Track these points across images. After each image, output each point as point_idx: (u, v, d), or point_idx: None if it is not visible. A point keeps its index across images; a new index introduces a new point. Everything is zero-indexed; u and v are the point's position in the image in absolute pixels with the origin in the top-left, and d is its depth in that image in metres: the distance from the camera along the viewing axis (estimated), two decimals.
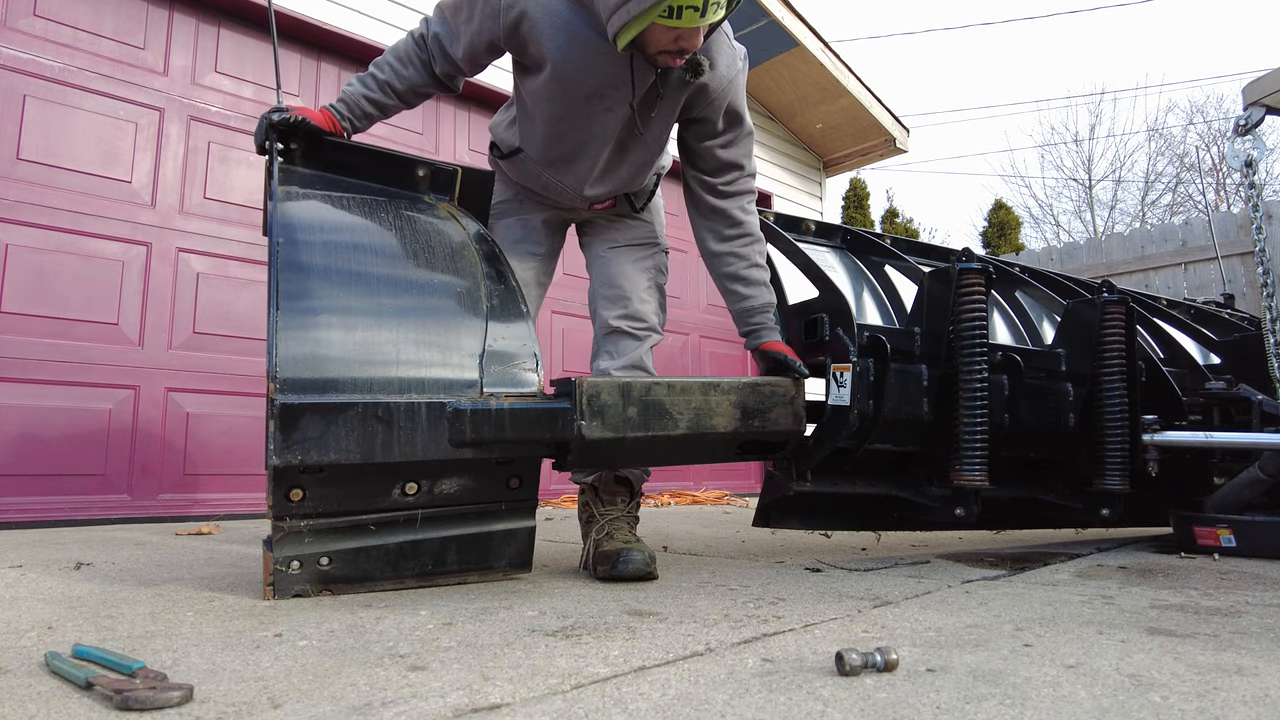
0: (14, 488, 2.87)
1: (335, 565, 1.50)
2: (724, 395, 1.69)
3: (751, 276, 1.91)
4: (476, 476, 1.57)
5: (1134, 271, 6.77)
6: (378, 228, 1.68)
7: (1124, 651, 1.10)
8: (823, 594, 1.57)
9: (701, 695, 0.89)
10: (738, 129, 1.85)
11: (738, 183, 1.89)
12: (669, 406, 1.63)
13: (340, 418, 1.40)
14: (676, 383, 1.64)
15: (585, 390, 1.54)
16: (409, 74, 1.81)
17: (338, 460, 1.40)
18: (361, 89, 1.80)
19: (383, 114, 1.83)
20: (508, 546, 1.63)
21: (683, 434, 1.63)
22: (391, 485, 1.51)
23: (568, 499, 4.38)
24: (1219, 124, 17.81)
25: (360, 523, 1.52)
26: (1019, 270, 2.82)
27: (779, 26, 5.45)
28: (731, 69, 1.76)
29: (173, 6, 3.50)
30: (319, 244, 1.58)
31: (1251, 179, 2.51)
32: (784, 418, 1.77)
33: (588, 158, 1.83)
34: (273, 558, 1.44)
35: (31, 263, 3.01)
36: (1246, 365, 2.71)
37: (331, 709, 0.83)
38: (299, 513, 1.45)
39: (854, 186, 14.02)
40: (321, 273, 1.53)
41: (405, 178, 1.84)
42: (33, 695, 0.87)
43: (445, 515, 1.57)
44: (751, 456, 1.84)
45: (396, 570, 1.55)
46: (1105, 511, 2.22)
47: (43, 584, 1.59)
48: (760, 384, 1.76)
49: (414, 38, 1.82)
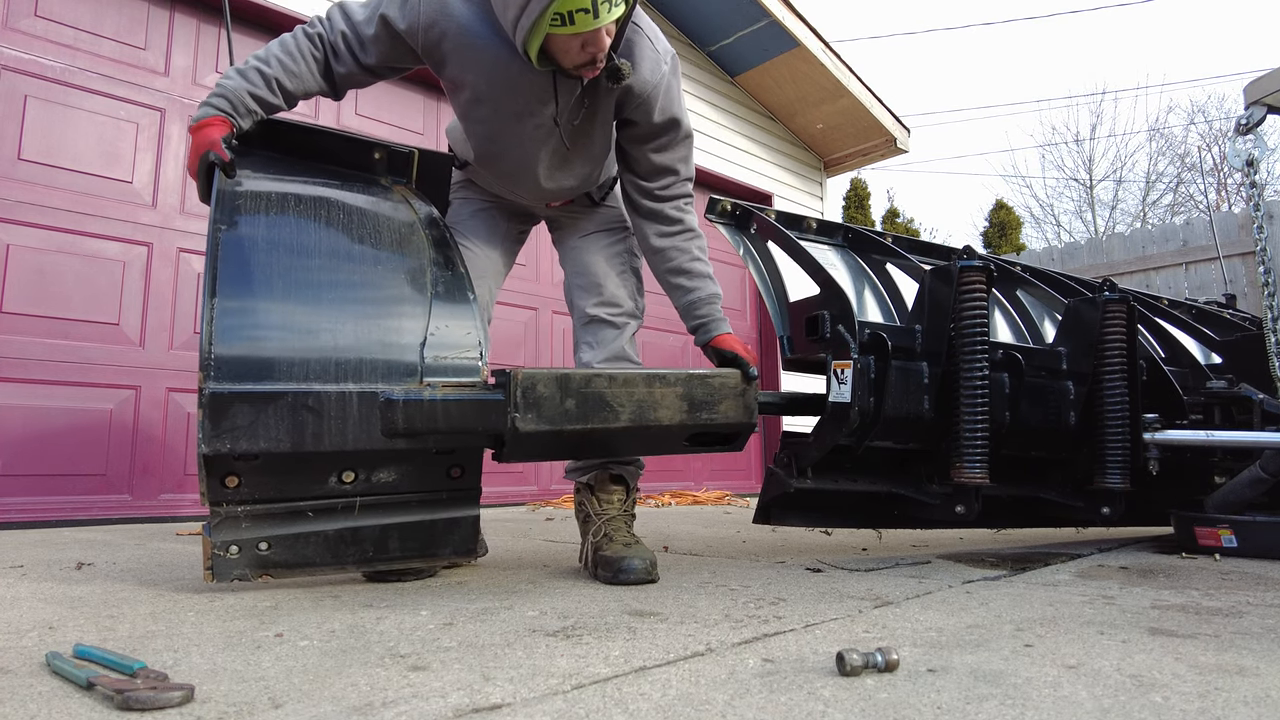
0: (15, 488, 2.87)
1: (274, 550, 1.50)
2: (669, 387, 1.63)
3: (695, 269, 1.86)
4: (416, 466, 1.56)
5: (1135, 271, 6.77)
6: (324, 212, 1.66)
7: (1125, 652, 1.10)
8: (823, 594, 1.57)
9: (702, 695, 0.88)
10: (672, 133, 1.81)
11: (673, 187, 1.86)
12: (610, 399, 1.57)
13: (270, 407, 1.40)
14: (619, 374, 1.59)
15: (520, 382, 1.50)
16: (299, 70, 1.70)
17: (268, 449, 1.40)
18: (245, 84, 1.65)
19: (265, 113, 1.70)
20: (451, 534, 1.62)
21: (624, 426, 1.58)
22: (328, 473, 1.51)
23: (567, 498, 4.38)
24: (1220, 124, 17.81)
25: (298, 509, 1.52)
26: (1020, 269, 2.81)
27: (779, 26, 5.45)
28: (656, 72, 1.73)
29: (174, 7, 3.51)
30: (260, 229, 1.56)
31: (1253, 178, 2.51)
32: (734, 410, 1.70)
33: (530, 171, 1.84)
34: (211, 542, 1.44)
35: (33, 263, 3.01)
36: (1247, 364, 2.70)
37: (332, 709, 0.83)
38: (235, 499, 1.46)
39: (855, 186, 14.01)
40: (259, 259, 1.52)
41: (362, 160, 1.82)
42: (34, 695, 0.87)
43: (385, 503, 1.56)
44: (702, 448, 1.78)
45: (337, 556, 1.54)
46: (1106, 510, 2.22)
47: (44, 584, 1.59)
48: (709, 376, 1.69)
49: (308, 35, 1.71)
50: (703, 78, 5.84)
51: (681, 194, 1.88)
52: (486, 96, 1.72)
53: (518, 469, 4.44)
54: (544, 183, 1.86)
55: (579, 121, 1.75)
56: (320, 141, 1.80)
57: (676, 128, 1.81)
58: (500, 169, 1.88)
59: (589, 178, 1.92)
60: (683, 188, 1.88)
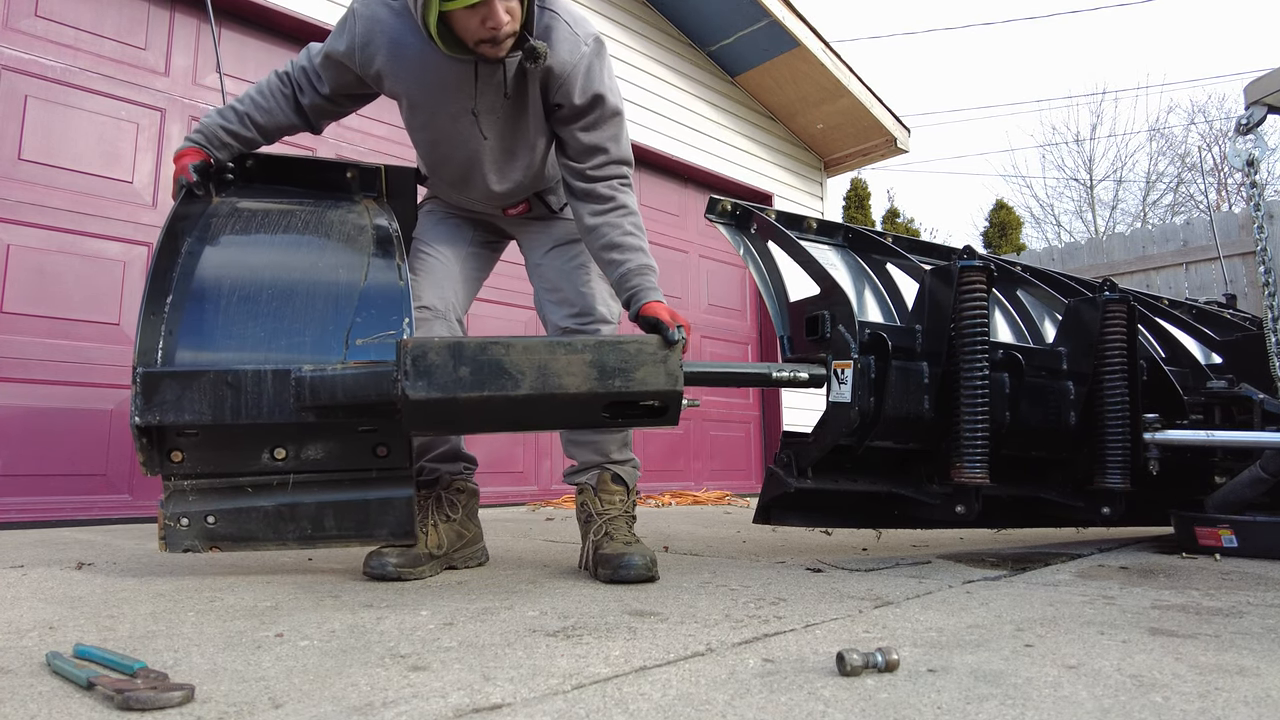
0: (16, 488, 2.87)
1: (220, 524, 1.65)
2: (576, 354, 1.58)
3: (626, 243, 1.81)
4: (342, 443, 1.66)
5: (1135, 271, 6.76)
6: (277, 223, 1.86)
7: (1125, 652, 1.10)
8: (824, 594, 1.57)
9: (702, 695, 0.88)
10: (598, 110, 1.80)
11: (605, 167, 1.84)
12: (509, 366, 1.55)
13: (194, 383, 1.56)
14: (518, 341, 1.58)
15: (410, 350, 1.52)
16: (270, 106, 1.91)
17: (192, 421, 1.57)
18: (219, 120, 1.89)
19: (242, 145, 1.93)
20: (386, 515, 1.67)
21: (526, 394, 1.55)
22: (260, 449, 1.65)
23: (568, 499, 4.39)
24: (1220, 124, 17.80)
25: (238, 484, 1.67)
26: (1020, 269, 2.81)
27: (780, 27, 5.44)
28: (575, 52, 1.75)
29: (174, 7, 3.50)
30: (206, 241, 1.78)
31: (1253, 178, 2.51)
32: (654, 377, 1.60)
33: (477, 170, 1.89)
34: (163, 514, 1.60)
35: (33, 263, 3.01)
36: (1248, 364, 2.70)
37: (333, 709, 0.83)
38: (180, 473, 1.64)
39: (855, 186, 14.02)
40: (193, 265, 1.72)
41: (339, 180, 2.05)
42: (34, 695, 0.87)
43: (318, 481, 1.67)
44: (629, 421, 1.67)
45: (278, 532, 1.66)
46: (1106, 510, 2.22)
47: (44, 584, 1.60)
48: (623, 342, 1.62)
49: (279, 75, 1.92)
50: (703, 78, 5.84)
51: (615, 174, 1.85)
52: (421, 101, 1.83)
53: (518, 469, 4.44)
54: (492, 184, 1.91)
55: (506, 111, 1.80)
56: (303, 168, 2.06)
57: (601, 104, 1.80)
58: (449, 175, 1.97)
59: (535, 172, 1.93)
60: (616, 169, 1.85)
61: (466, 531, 1.91)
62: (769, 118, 6.29)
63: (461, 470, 1.97)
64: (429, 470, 1.92)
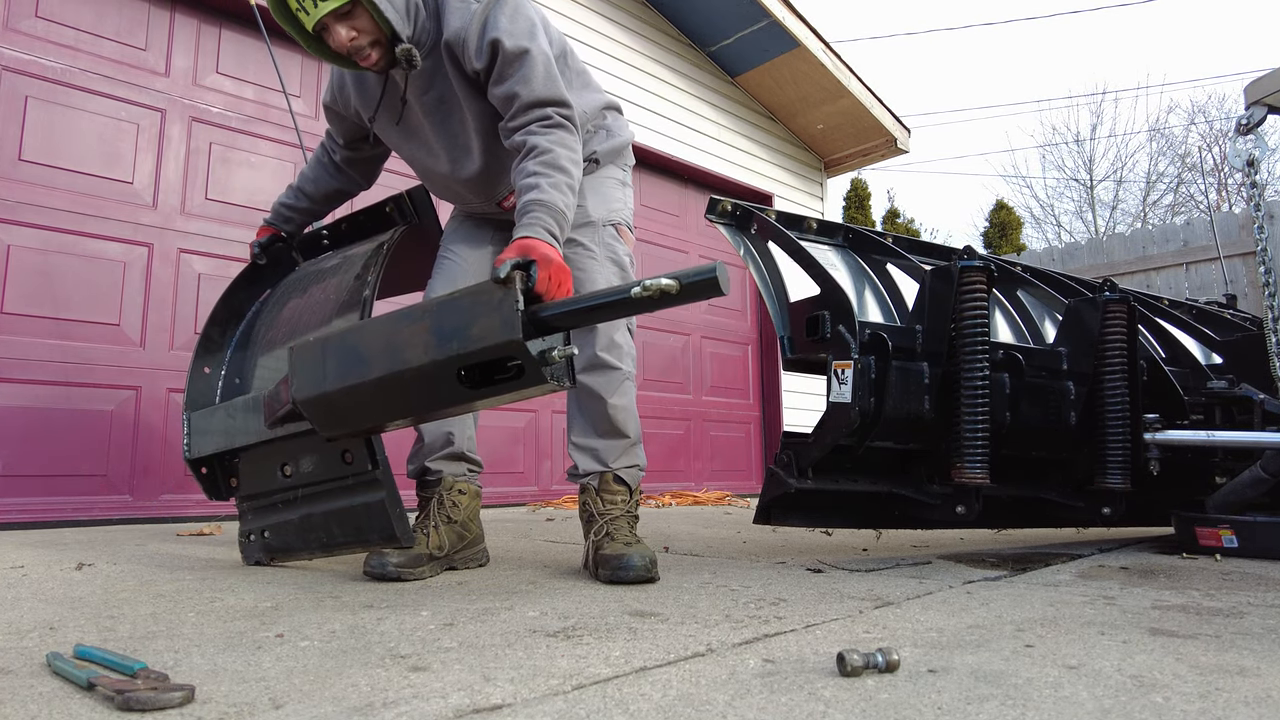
0: (16, 488, 2.87)
1: (271, 537, 1.85)
2: (414, 323, 1.40)
3: (524, 185, 1.63)
4: (319, 454, 1.73)
5: (1135, 272, 6.76)
6: (312, 278, 2.10)
7: (1126, 652, 1.10)
8: (824, 594, 1.57)
9: (703, 696, 0.88)
10: (499, 57, 1.71)
11: (519, 116, 1.71)
12: (362, 350, 1.43)
13: (213, 416, 1.94)
14: (371, 322, 1.47)
15: (294, 355, 1.53)
16: (314, 175, 2.12)
17: (215, 450, 1.92)
18: (283, 198, 2.16)
19: (301, 216, 2.17)
20: (372, 520, 1.67)
21: (380, 377, 1.41)
22: (274, 467, 1.81)
23: (568, 499, 4.38)
24: (1220, 124, 17.80)
25: (273, 501, 1.84)
26: (1020, 269, 2.81)
27: (780, 27, 5.44)
28: (465, 17, 1.72)
29: (174, 8, 3.50)
30: (261, 303, 2.18)
31: (1253, 178, 2.51)
32: (489, 329, 1.33)
33: (438, 170, 1.94)
34: (239, 532, 1.90)
35: (33, 263, 3.01)
36: (1248, 365, 2.70)
37: (333, 709, 0.83)
38: (239, 495, 1.92)
39: (855, 187, 14.01)
40: (247, 323, 2.16)
41: (381, 220, 2.20)
42: (35, 696, 0.87)
43: (316, 493, 1.77)
44: (487, 390, 1.41)
45: (305, 542, 1.79)
46: (1106, 510, 2.22)
47: (44, 584, 1.60)
48: (457, 296, 1.41)
49: (321, 144, 2.09)
50: (703, 78, 5.84)
51: (531, 118, 1.71)
52: (379, 120, 1.92)
53: (518, 469, 4.44)
54: (459, 177, 1.93)
55: (432, 107, 1.85)
56: (357, 221, 2.23)
57: (499, 49, 1.70)
58: (432, 184, 2.05)
59: (495, 154, 1.87)
60: (531, 112, 1.71)
61: (468, 533, 1.91)
62: (769, 118, 6.29)
63: (465, 472, 1.96)
64: (432, 471, 1.92)
